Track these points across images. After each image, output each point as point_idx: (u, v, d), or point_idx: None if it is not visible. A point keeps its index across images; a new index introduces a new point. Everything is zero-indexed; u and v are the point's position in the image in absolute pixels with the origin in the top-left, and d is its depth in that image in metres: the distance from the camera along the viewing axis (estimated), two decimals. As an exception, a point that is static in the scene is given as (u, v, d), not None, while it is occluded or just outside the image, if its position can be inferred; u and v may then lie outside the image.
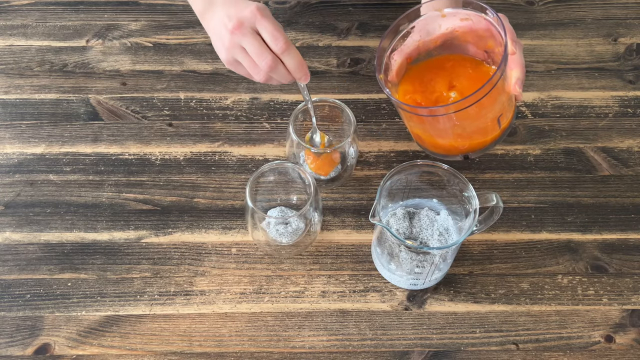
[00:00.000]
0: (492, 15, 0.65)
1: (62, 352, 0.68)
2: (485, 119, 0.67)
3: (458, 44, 0.71)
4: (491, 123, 0.68)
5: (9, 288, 0.72)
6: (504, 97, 0.67)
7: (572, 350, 0.69)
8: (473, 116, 0.66)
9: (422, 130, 0.72)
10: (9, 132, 0.84)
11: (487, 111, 0.66)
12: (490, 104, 0.65)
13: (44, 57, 0.91)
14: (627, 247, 0.75)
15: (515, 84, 0.66)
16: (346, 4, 0.97)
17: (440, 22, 0.70)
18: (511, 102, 0.70)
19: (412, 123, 0.72)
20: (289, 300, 0.72)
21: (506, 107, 0.69)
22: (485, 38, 0.68)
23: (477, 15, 0.67)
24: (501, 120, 0.69)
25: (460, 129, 0.69)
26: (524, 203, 0.78)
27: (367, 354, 0.68)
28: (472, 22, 0.68)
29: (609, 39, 0.93)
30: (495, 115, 0.68)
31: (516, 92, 0.66)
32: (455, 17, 0.69)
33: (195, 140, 0.83)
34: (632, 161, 0.81)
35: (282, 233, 0.71)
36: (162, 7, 0.96)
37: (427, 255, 0.66)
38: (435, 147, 0.73)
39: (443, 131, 0.70)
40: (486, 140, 0.71)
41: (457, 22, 0.69)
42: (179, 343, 0.69)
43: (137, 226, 0.76)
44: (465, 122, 0.67)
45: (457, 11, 0.69)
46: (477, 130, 0.69)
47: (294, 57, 0.66)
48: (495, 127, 0.69)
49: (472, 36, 0.69)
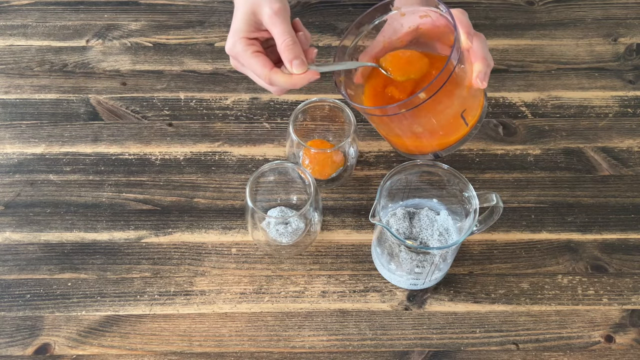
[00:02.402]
0: (444, 10, 0.63)
1: (62, 352, 0.68)
2: (446, 115, 0.64)
3: (424, 42, 0.68)
4: (454, 120, 0.65)
5: (9, 288, 0.72)
6: (463, 92, 0.64)
7: (572, 350, 0.69)
8: (432, 113, 0.63)
9: (386, 131, 0.69)
10: (9, 132, 0.84)
11: (445, 107, 0.63)
12: (447, 99, 0.62)
13: (44, 57, 0.91)
14: (627, 247, 0.75)
15: (476, 77, 0.63)
16: (346, 4, 0.97)
17: (402, 20, 0.67)
18: (476, 98, 0.67)
19: (376, 124, 0.69)
20: (289, 300, 0.72)
21: (470, 102, 0.66)
22: (447, 34, 0.65)
23: (433, 11, 0.65)
24: (466, 117, 0.66)
25: (421, 127, 0.66)
26: (524, 203, 0.78)
27: (367, 354, 0.68)
28: (431, 19, 0.66)
29: (609, 39, 0.93)
30: (457, 112, 0.65)
31: (479, 85, 0.63)
32: (414, 14, 0.67)
33: (195, 140, 0.83)
34: (632, 161, 0.82)
35: (282, 233, 0.71)
36: (162, 7, 0.96)
37: (427, 255, 0.66)
38: (403, 147, 0.71)
39: (406, 130, 0.67)
40: (454, 138, 0.68)
41: (417, 19, 0.67)
42: (179, 343, 0.69)
43: (137, 226, 0.76)
44: (424, 120, 0.64)
45: (415, 9, 0.67)
46: (441, 128, 0.66)
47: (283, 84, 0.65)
48: (460, 124, 0.66)
49: (435, 33, 0.67)
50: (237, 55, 0.66)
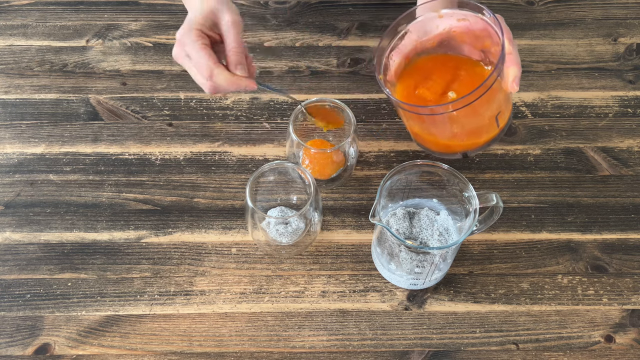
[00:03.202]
0: (489, 15, 0.66)
1: (62, 352, 0.68)
2: (483, 117, 0.68)
3: (454, 44, 0.72)
4: (489, 121, 0.69)
5: (9, 288, 0.72)
6: (501, 95, 0.67)
7: (572, 350, 0.69)
8: (472, 115, 0.66)
9: (421, 129, 0.72)
10: (9, 132, 0.84)
11: (485, 109, 0.67)
12: (488, 102, 0.66)
13: (44, 57, 0.91)
14: (627, 247, 0.75)
15: (513, 81, 0.66)
16: (346, 4, 0.97)
17: (438, 22, 0.70)
18: (508, 101, 0.70)
19: (412, 122, 0.72)
20: (289, 300, 0.72)
21: (503, 105, 0.69)
22: (482, 38, 0.69)
23: (474, 15, 0.68)
24: (499, 119, 0.70)
25: (459, 127, 0.69)
26: (524, 203, 0.78)
27: (367, 354, 0.68)
28: (469, 23, 0.69)
29: (609, 39, 0.93)
30: (494, 114, 0.68)
31: (514, 89, 0.67)
32: (452, 17, 0.70)
33: (195, 140, 0.83)
34: (632, 161, 0.81)
35: (282, 233, 0.71)
36: (162, 7, 0.96)
37: (427, 255, 0.66)
38: (434, 145, 0.73)
39: (442, 130, 0.70)
40: (485, 138, 0.71)
41: (454, 22, 0.70)
42: (179, 343, 0.69)
43: (137, 226, 0.76)
44: (464, 121, 0.68)
45: (454, 12, 0.70)
46: (476, 129, 0.70)
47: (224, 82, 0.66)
48: (493, 125, 0.70)
49: (469, 36, 0.70)
50: (186, 44, 0.67)
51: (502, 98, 0.68)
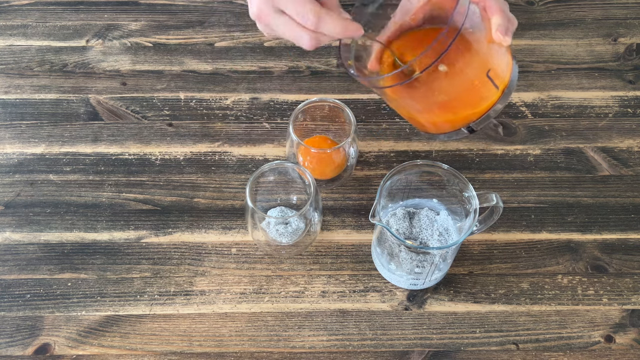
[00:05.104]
0: None
1: (62, 352, 0.68)
2: (467, 78, 0.60)
3: (440, 15, 0.65)
4: (480, 83, 0.61)
5: (9, 288, 0.72)
6: (482, 49, 0.60)
7: (572, 350, 0.69)
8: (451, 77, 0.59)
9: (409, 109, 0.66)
10: (9, 132, 0.84)
11: (465, 69, 0.60)
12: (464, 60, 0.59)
13: (44, 57, 0.91)
14: (627, 247, 0.75)
15: (497, 30, 0.59)
16: (346, 3, 0.97)
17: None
18: (502, 56, 0.61)
19: (396, 105, 0.66)
20: (289, 300, 0.72)
21: (494, 61, 0.61)
22: None
23: None
24: (494, 78, 0.61)
25: (445, 94, 0.61)
26: (524, 203, 0.78)
27: (367, 354, 0.68)
28: None
29: (609, 39, 0.93)
30: (480, 72, 0.61)
31: (499, 39, 0.60)
32: None
33: (195, 140, 0.83)
34: (632, 161, 0.82)
35: (282, 233, 0.71)
36: (162, 7, 0.96)
37: (427, 255, 0.66)
38: (433, 125, 0.66)
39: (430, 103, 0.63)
40: (485, 105, 0.63)
41: None
42: (179, 343, 0.69)
43: (137, 226, 0.76)
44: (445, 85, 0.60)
45: None
46: (467, 94, 0.62)
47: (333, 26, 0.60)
48: (488, 86, 0.61)
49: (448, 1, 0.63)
50: None
51: (485, 51, 0.60)
